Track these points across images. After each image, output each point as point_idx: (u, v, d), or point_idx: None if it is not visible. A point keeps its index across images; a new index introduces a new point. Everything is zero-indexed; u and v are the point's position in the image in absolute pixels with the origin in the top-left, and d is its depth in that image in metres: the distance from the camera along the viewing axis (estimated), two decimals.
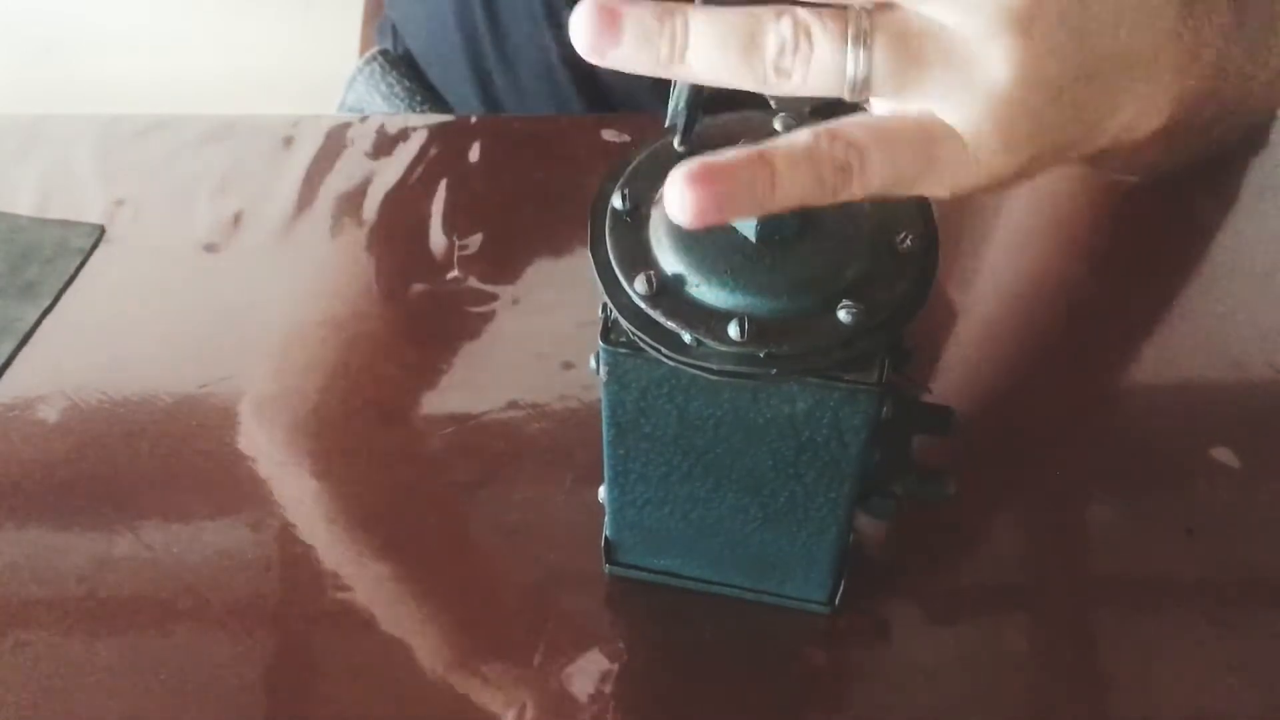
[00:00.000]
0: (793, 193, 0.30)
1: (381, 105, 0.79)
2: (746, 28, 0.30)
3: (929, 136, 0.31)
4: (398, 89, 0.79)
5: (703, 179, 0.29)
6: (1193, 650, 0.44)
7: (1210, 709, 0.43)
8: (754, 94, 0.32)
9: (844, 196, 0.31)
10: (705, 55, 0.30)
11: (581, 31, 0.30)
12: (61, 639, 0.45)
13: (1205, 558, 0.47)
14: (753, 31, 0.30)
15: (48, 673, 0.44)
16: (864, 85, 0.30)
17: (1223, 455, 0.50)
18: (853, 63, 0.30)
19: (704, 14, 0.30)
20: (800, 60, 0.30)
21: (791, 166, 0.30)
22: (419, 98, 0.79)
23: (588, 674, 0.43)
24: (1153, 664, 0.44)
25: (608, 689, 0.43)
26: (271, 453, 0.51)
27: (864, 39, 0.30)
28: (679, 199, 0.30)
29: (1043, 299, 0.58)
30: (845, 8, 0.30)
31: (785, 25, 0.30)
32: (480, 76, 0.75)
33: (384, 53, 0.81)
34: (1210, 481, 0.49)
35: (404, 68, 0.80)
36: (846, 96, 0.31)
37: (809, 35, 0.30)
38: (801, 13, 0.30)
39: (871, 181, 0.31)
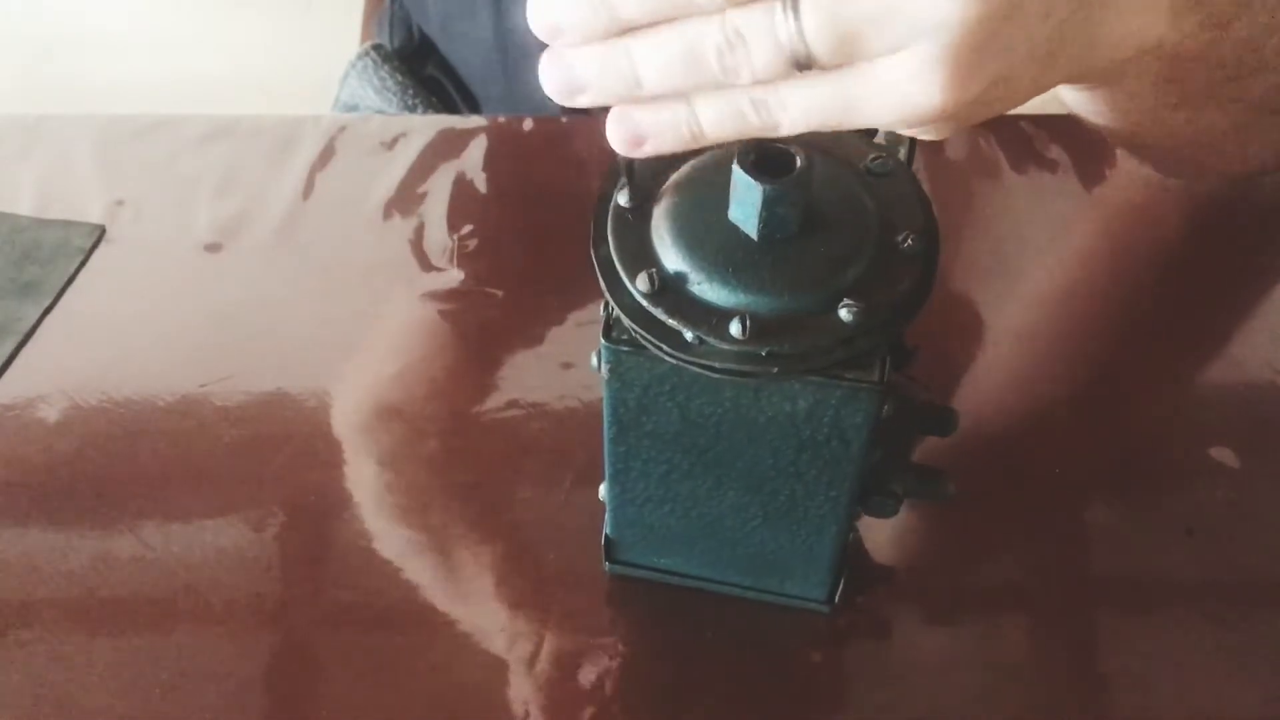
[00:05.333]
0: (717, 126, 0.32)
1: (375, 99, 0.79)
2: (685, 46, 0.31)
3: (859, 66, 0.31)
4: (390, 84, 0.79)
5: (625, 114, 0.33)
6: (1193, 650, 0.44)
7: (1210, 709, 0.43)
8: None
9: (774, 130, 0.32)
10: (662, 83, 0.32)
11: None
12: (61, 639, 0.45)
13: (1205, 558, 0.47)
14: (691, 47, 0.31)
15: (48, 673, 0.44)
16: (808, 55, 0.30)
17: (1223, 455, 0.50)
18: (787, 38, 0.30)
19: (645, 45, 0.31)
20: (742, 56, 0.30)
21: (706, 101, 0.32)
22: (411, 92, 0.79)
23: (588, 673, 0.43)
24: (1153, 664, 0.44)
25: (608, 688, 0.43)
26: (271, 453, 0.51)
27: (789, 10, 0.30)
28: (612, 131, 0.33)
29: (1044, 299, 0.58)
30: None
31: (713, 28, 0.30)
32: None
33: (377, 48, 0.81)
34: (1210, 481, 0.49)
35: (397, 62, 0.80)
36: (799, 72, 0.31)
37: (738, 29, 0.30)
38: (729, 11, 0.30)
39: (796, 118, 0.31)
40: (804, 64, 0.30)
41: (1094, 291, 0.58)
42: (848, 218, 0.35)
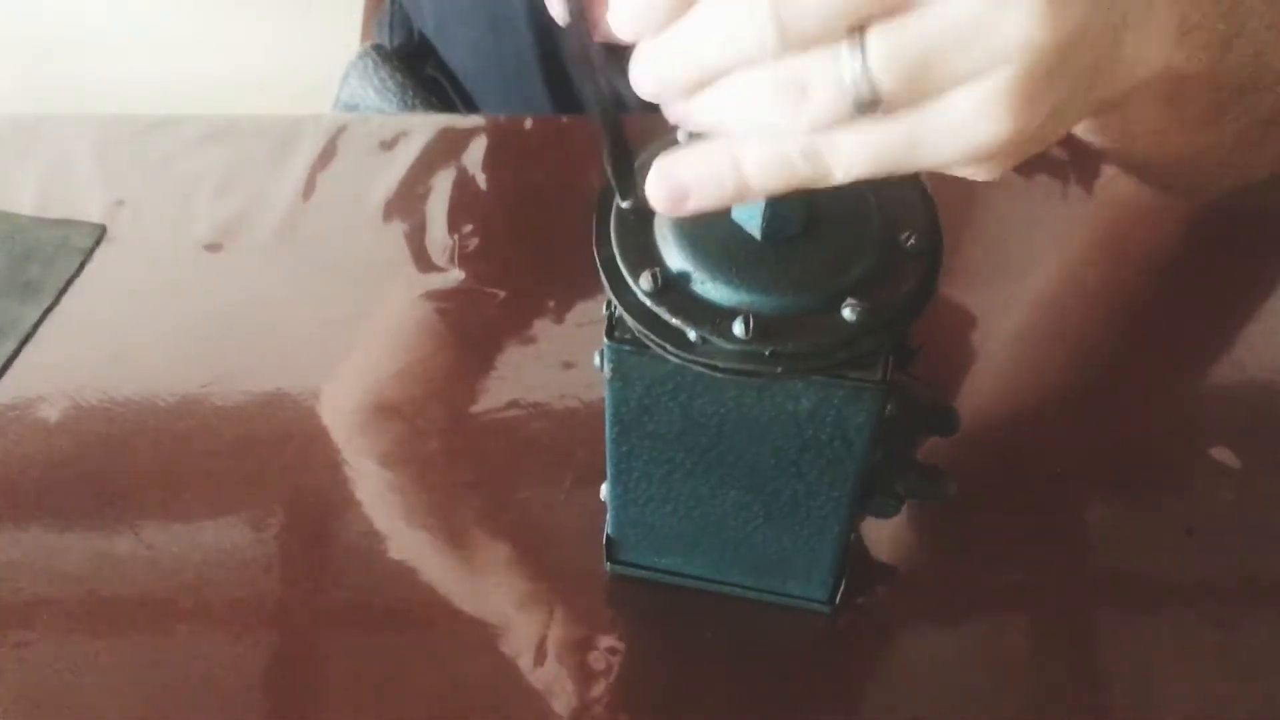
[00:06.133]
0: (763, 178, 0.31)
1: (375, 100, 0.79)
2: (749, 89, 0.30)
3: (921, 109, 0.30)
4: (390, 84, 0.79)
5: (667, 169, 0.32)
6: (1193, 650, 0.44)
7: (1210, 709, 0.43)
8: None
9: (826, 180, 0.31)
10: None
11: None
12: (61, 639, 0.45)
13: (1205, 558, 0.47)
14: (754, 90, 0.30)
15: (48, 673, 0.43)
16: (873, 93, 0.28)
17: (1223, 455, 0.50)
18: (851, 77, 0.28)
19: (714, 88, 0.30)
20: (801, 102, 0.29)
21: (752, 150, 0.31)
22: (411, 92, 0.79)
23: (588, 673, 0.43)
24: (1153, 664, 0.44)
25: (608, 688, 0.43)
26: (271, 453, 0.51)
27: (855, 46, 0.28)
28: (652, 189, 0.32)
29: (1045, 300, 0.58)
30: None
31: (776, 73, 0.29)
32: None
33: (377, 48, 0.81)
34: (1210, 481, 0.49)
35: (397, 62, 0.80)
36: (859, 115, 0.29)
37: (795, 74, 0.29)
38: (785, 58, 0.29)
39: (851, 164, 0.30)
40: (867, 105, 0.29)
41: (1095, 292, 0.58)
42: (851, 217, 0.35)
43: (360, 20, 0.89)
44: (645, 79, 0.31)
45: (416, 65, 0.82)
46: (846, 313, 0.33)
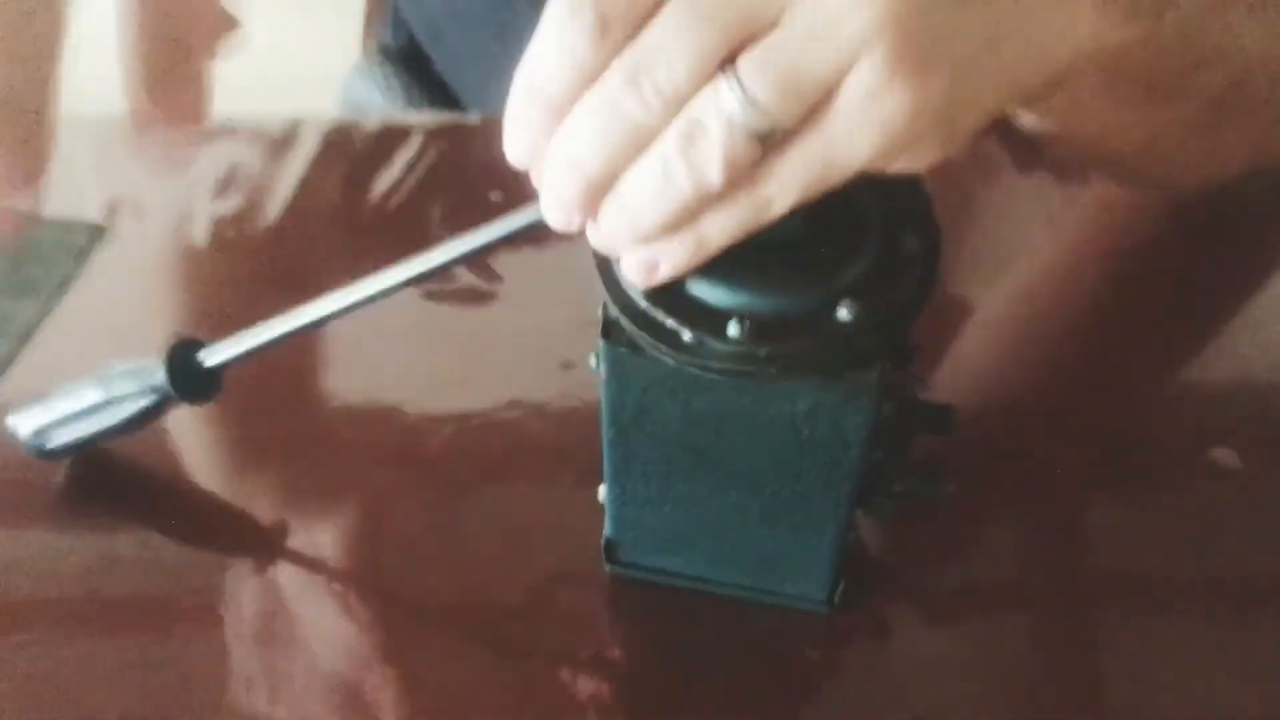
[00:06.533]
0: (722, 234, 0.32)
1: (379, 101, 0.79)
2: (659, 166, 0.31)
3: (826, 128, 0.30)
4: (395, 85, 0.79)
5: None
6: (1193, 650, 0.44)
7: (1210, 709, 0.42)
8: None
9: (771, 214, 0.32)
10: (649, 208, 0.32)
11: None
12: (61, 639, 0.45)
13: (1205, 558, 0.47)
14: (664, 165, 0.30)
15: (48, 673, 0.44)
16: (766, 114, 0.29)
17: (1223, 455, 0.50)
18: (737, 107, 0.29)
19: (630, 181, 0.31)
20: (704, 148, 0.30)
21: (715, 213, 0.32)
22: (417, 93, 0.79)
23: (588, 674, 0.43)
24: (1153, 664, 0.44)
25: (608, 689, 0.43)
26: (271, 453, 0.51)
27: (729, 77, 0.29)
28: (626, 267, 0.34)
29: (1045, 299, 0.58)
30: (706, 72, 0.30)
31: (671, 135, 0.30)
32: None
33: (381, 49, 0.81)
34: (1210, 481, 0.49)
35: (402, 63, 0.80)
36: (763, 143, 0.30)
37: (690, 122, 0.30)
38: (681, 113, 0.30)
39: (784, 192, 0.31)
40: (765, 132, 0.30)
41: (1095, 291, 0.58)
42: (848, 217, 0.35)
43: (361, 20, 0.89)
44: (552, 215, 0.33)
45: (421, 65, 0.82)
46: (843, 313, 0.33)
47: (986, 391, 0.53)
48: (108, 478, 0.50)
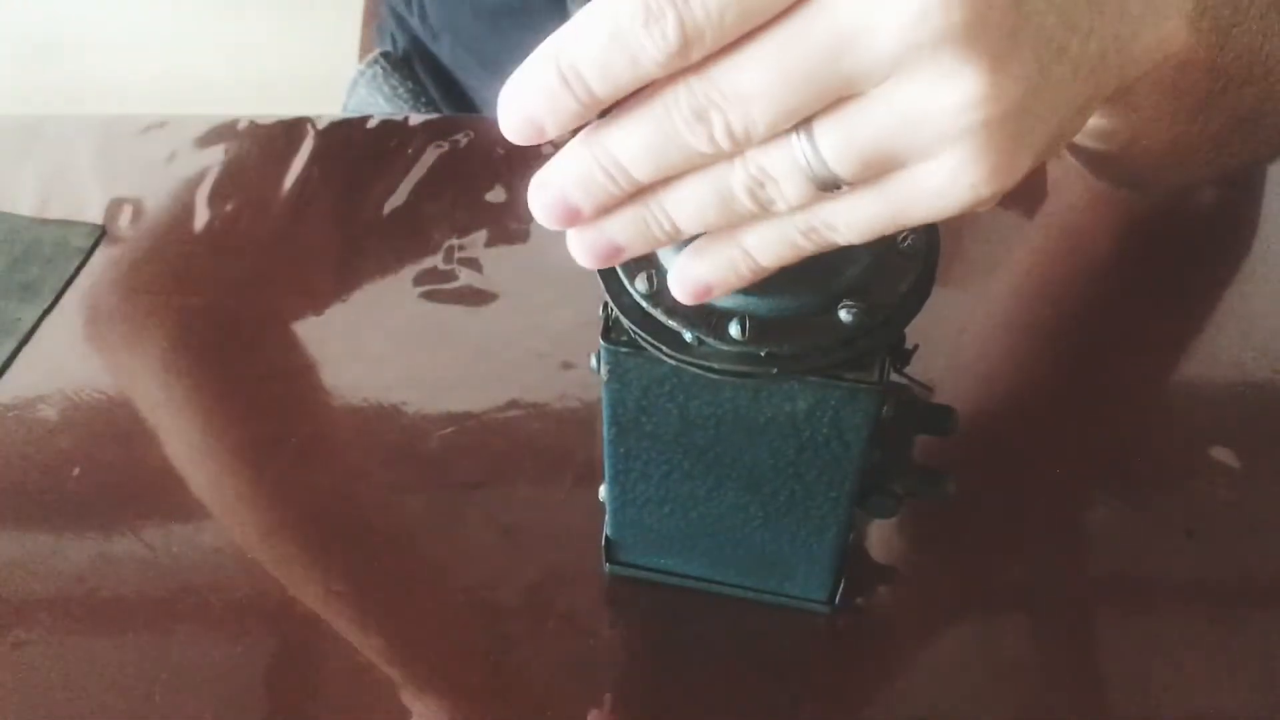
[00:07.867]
0: (775, 258, 0.31)
1: (385, 108, 0.79)
2: (714, 191, 0.29)
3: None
4: (400, 91, 0.79)
5: (684, 270, 0.32)
6: (1193, 650, 0.44)
7: (1210, 709, 0.43)
8: None
9: (833, 246, 0.30)
10: (702, 226, 0.30)
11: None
12: (61, 639, 0.45)
13: (1205, 558, 0.47)
14: (720, 191, 0.29)
15: (48, 673, 0.44)
16: (836, 179, 0.28)
17: (1223, 455, 0.50)
18: (809, 167, 0.28)
19: (675, 197, 0.30)
20: (774, 191, 0.29)
21: (757, 237, 0.31)
22: (423, 99, 0.79)
23: (588, 673, 0.43)
24: (1153, 664, 0.44)
25: (607, 688, 0.43)
26: (272, 453, 0.51)
27: (803, 138, 0.28)
28: (677, 290, 0.32)
29: (1044, 299, 0.58)
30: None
31: (738, 171, 0.29)
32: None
33: (385, 55, 0.81)
34: (1210, 481, 0.49)
35: (406, 69, 0.80)
36: (824, 194, 0.29)
37: (761, 167, 0.29)
38: (748, 151, 0.29)
39: (850, 230, 0.30)
40: (831, 185, 0.29)
41: (1095, 291, 0.58)
42: None
43: (360, 20, 0.89)
44: (613, 189, 0.31)
45: (427, 66, 0.82)
46: (843, 314, 0.33)
47: (986, 392, 0.53)
48: (107, 478, 0.50)
